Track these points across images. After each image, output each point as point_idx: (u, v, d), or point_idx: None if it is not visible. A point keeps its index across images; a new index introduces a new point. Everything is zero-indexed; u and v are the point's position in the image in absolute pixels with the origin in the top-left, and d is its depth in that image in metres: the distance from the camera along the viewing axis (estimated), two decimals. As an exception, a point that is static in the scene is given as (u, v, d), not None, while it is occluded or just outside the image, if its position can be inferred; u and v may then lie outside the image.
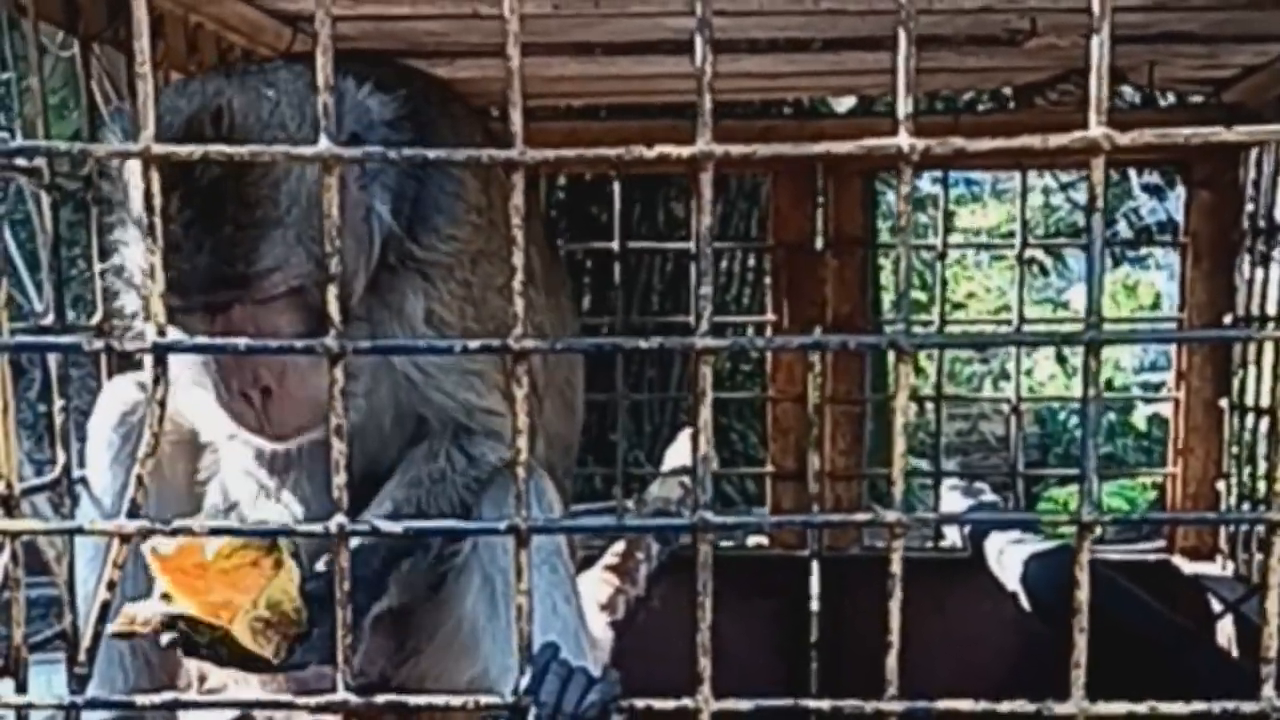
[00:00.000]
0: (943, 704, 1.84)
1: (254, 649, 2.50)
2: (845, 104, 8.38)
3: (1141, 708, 1.81)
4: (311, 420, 2.79)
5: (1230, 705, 1.84)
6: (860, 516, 1.95)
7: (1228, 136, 1.80)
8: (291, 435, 2.85)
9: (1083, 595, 1.80)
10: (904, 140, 1.71)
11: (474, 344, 1.98)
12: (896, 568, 1.81)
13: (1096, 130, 1.70)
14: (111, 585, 2.11)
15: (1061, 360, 16.07)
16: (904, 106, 1.72)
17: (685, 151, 1.74)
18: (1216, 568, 5.63)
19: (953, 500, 6.01)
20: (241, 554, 2.47)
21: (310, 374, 2.76)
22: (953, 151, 1.76)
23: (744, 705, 1.85)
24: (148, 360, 1.89)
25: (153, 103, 1.79)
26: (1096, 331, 1.75)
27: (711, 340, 1.78)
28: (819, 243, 5.77)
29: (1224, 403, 5.57)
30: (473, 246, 2.97)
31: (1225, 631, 5.07)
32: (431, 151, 2.03)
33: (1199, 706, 1.82)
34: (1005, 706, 1.82)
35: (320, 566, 2.63)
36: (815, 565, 5.83)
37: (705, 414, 1.81)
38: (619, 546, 4.97)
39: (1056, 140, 1.73)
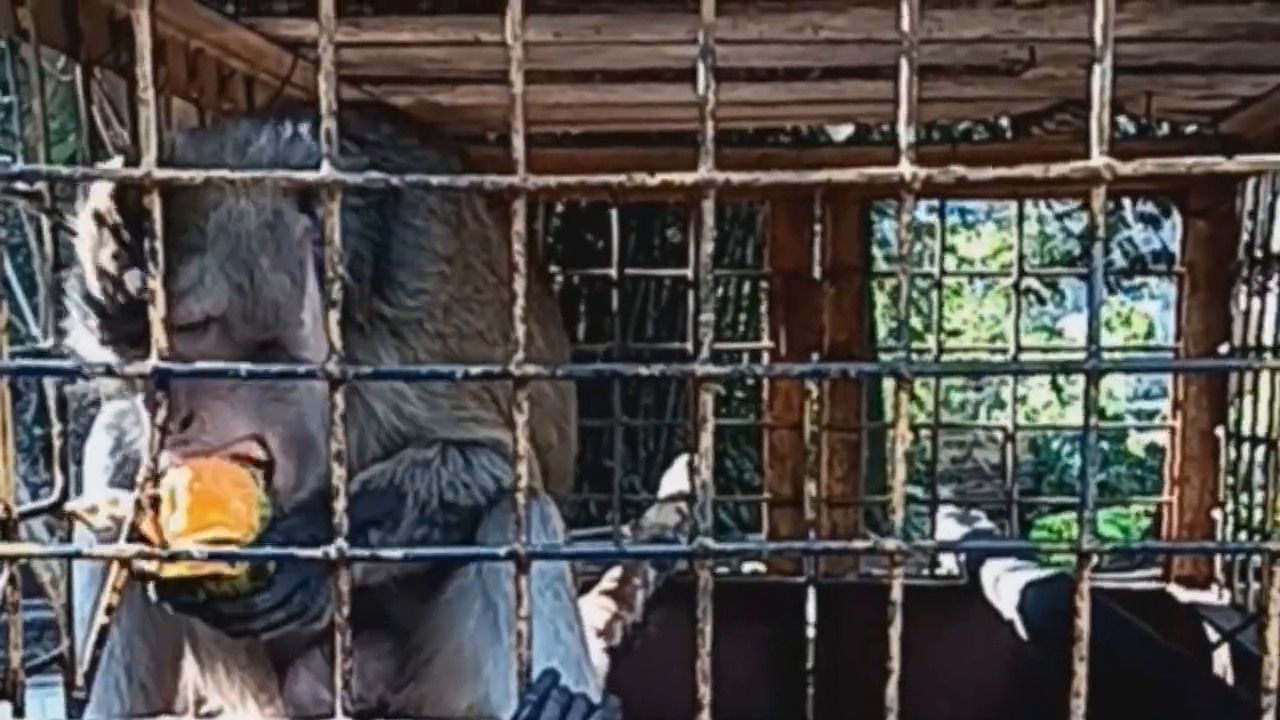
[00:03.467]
0: (942, 731, 1.83)
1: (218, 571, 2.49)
2: (842, 133, 8.40)
3: (1142, 736, 1.81)
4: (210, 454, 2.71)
5: (1230, 734, 1.83)
6: (860, 544, 1.95)
7: (1229, 166, 1.80)
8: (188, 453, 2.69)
9: (1083, 624, 1.79)
10: (906, 169, 1.72)
11: (475, 370, 1.97)
12: (897, 595, 1.81)
13: (1098, 160, 1.70)
14: (110, 610, 2.12)
15: (1056, 389, 16.10)
16: (906, 135, 1.73)
17: (688, 178, 1.74)
18: (1212, 596, 5.64)
19: (948, 528, 6.01)
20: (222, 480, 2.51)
21: (230, 411, 2.69)
22: (954, 180, 1.76)
23: (743, 732, 1.85)
24: (147, 385, 1.89)
25: (154, 128, 1.79)
26: (1098, 360, 1.75)
27: (713, 367, 1.78)
28: (816, 271, 5.79)
29: (1220, 432, 5.58)
30: (442, 297, 2.94)
31: (1221, 660, 5.06)
32: (435, 179, 2.03)
33: (1199, 735, 1.82)
34: (1005, 734, 1.82)
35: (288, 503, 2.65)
36: (811, 592, 5.82)
37: (706, 441, 1.81)
38: (615, 572, 4.97)
39: (1058, 169, 1.73)
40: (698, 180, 1.75)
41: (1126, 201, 13.24)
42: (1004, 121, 7.56)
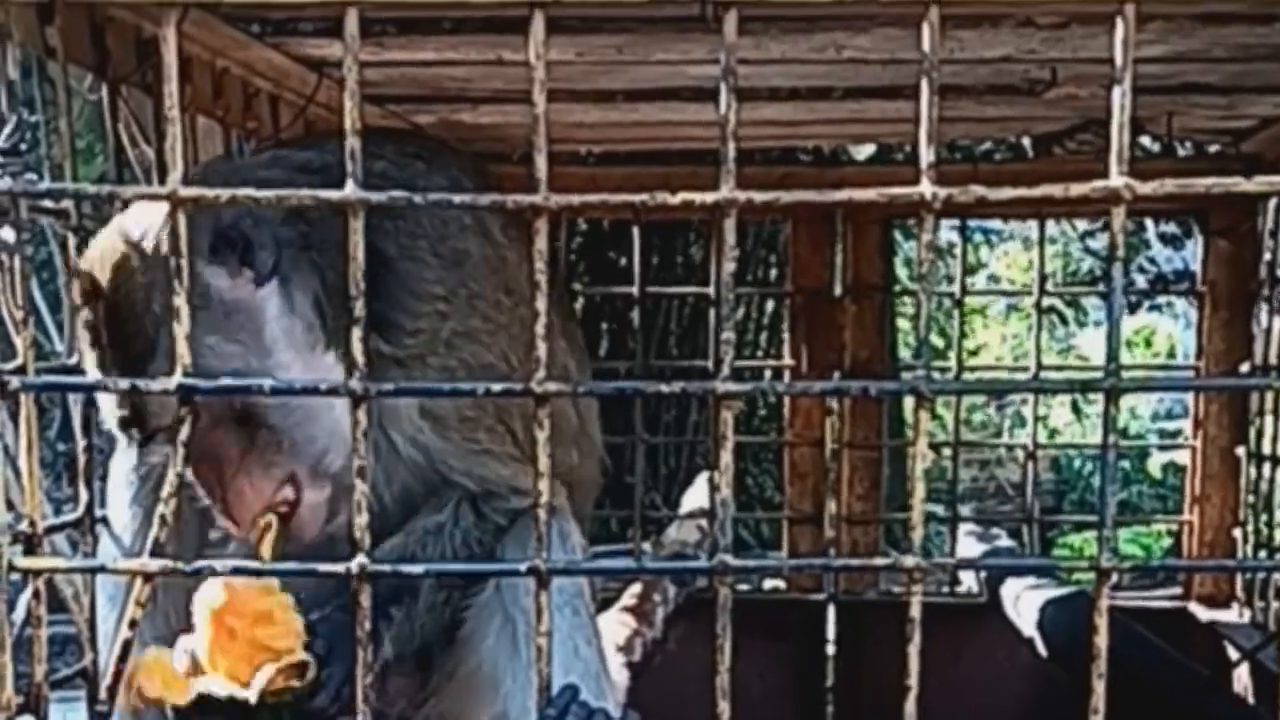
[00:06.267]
0: (961, 748, 1.84)
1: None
2: (864, 151, 8.41)
3: (1160, 754, 1.82)
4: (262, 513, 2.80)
5: (1248, 753, 1.84)
6: (879, 562, 1.96)
7: (1248, 187, 1.80)
8: (247, 524, 2.82)
9: (1102, 641, 1.80)
10: (926, 188, 1.73)
11: (497, 386, 1.99)
12: (916, 612, 1.82)
13: (1118, 180, 1.71)
14: (134, 624, 2.13)
15: (1076, 410, 16.05)
16: (927, 155, 1.74)
17: (709, 198, 1.76)
18: (1233, 615, 5.63)
19: (969, 545, 6.01)
20: (260, 599, 2.55)
21: (258, 478, 2.78)
22: (974, 199, 1.77)
23: (763, 748, 1.85)
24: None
25: (180, 146, 1.81)
26: (1117, 379, 1.76)
27: (733, 385, 1.79)
28: (838, 289, 5.80)
29: (1241, 451, 5.58)
30: (443, 333, 2.91)
31: (1241, 679, 5.05)
32: (457, 196, 2.05)
33: (1217, 753, 1.83)
34: (1024, 752, 1.82)
35: (315, 615, 2.66)
36: (831, 609, 5.82)
37: (726, 458, 1.82)
38: (636, 589, 4.97)
39: (1078, 189, 1.73)
40: (719, 199, 1.76)
41: (1149, 222, 13.19)
42: (1025, 141, 7.57)
